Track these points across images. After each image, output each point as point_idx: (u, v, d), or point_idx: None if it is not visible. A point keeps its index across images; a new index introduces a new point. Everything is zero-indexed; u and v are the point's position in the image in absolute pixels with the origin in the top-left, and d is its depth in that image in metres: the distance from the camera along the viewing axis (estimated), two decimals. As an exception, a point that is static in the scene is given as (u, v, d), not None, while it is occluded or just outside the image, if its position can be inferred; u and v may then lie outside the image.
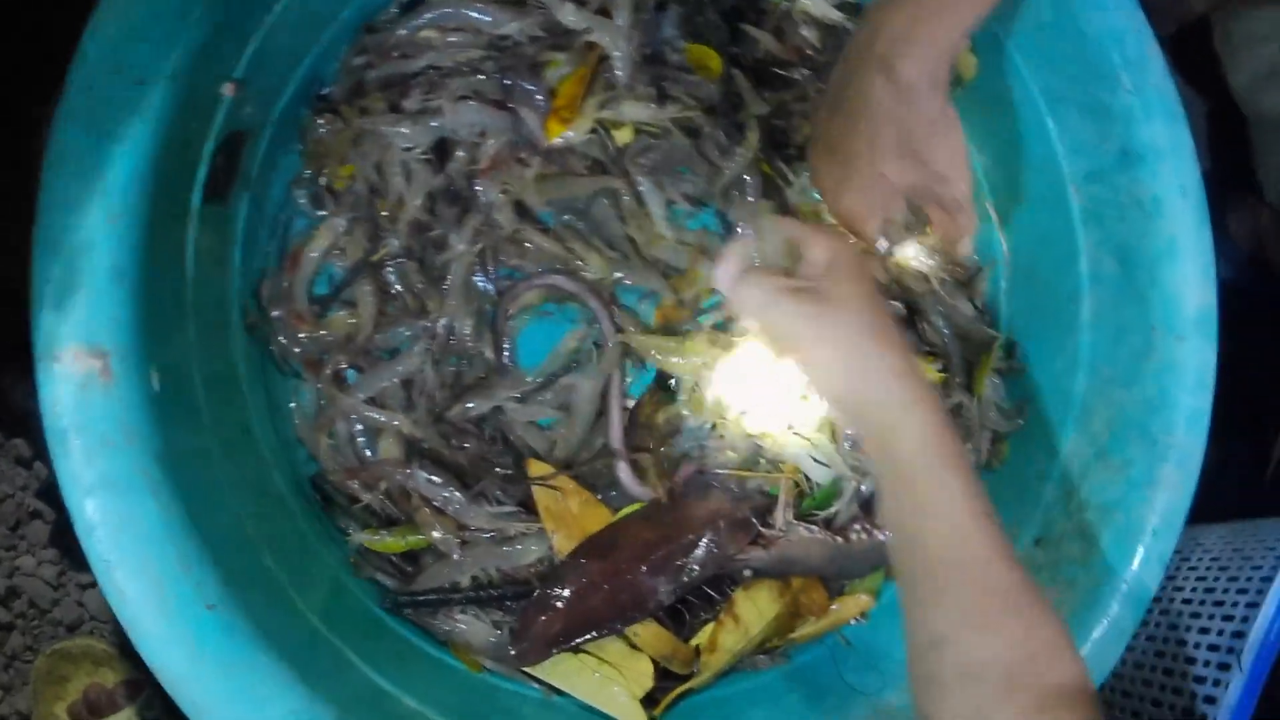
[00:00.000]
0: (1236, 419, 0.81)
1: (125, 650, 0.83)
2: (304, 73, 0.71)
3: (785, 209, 0.73)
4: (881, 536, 0.73)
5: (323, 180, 0.71)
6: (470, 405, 0.71)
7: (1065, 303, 0.74)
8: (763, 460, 0.72)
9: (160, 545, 0.56)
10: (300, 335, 0.70)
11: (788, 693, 0.73)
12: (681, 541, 0.69)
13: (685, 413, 0.72)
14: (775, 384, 0.72)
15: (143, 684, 0.83)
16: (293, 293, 0.70)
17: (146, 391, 0.57)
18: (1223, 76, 0.88)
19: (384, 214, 0.70)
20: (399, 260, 0.71)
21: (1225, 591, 0.76)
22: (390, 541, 0.70)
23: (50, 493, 0.86)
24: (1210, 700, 0.71)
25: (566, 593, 0.68)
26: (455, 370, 0.71)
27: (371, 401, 0.70)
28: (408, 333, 0.71)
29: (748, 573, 0.71)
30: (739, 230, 0.71)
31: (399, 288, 0.71)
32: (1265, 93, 0.85)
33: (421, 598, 0.69)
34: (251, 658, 0.58)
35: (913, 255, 0.72)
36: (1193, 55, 0.92)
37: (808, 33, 0.74)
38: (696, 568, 0.69)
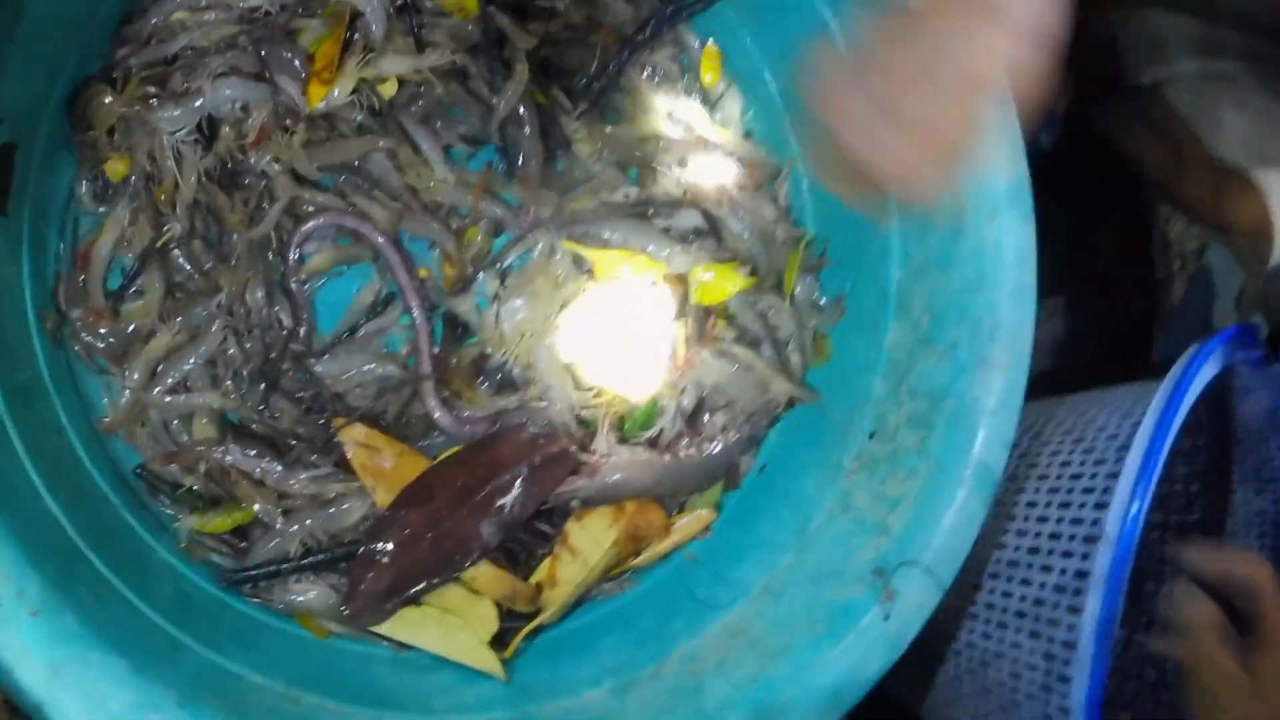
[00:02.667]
0: (1080, 282, 0.81)
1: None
2: (69, 77, 0.70)
3: (565, 140, 0.73)
4: (712, 448, 0.73)
5: (100, 175, 0.71)
6: (276, 372, 0.71)
7: (868, 192, 0.73)
8: (579, 388, 0.72)
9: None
10: (101, 331, 0.71)
11: (639, 616, 0.73)
12: (498, 481, 0.69)
13: (487, 351, 0.72)
14: (580, 309, 0.72)
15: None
16: (88, 291, 0.71)
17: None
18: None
19: (162, 199, 0.70)
20: (184, 242, 0.71)
21: (1083, 464, 0.75)
22: (218, 520, 0.70)
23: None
24: (1082, 574, 0.70)
25: (389, 546, 0.68)
26: (258, 341, 0.71)
27: (180, 386, 0.71)
28: (204, 313, 0.71)
29: (575, 503, 0.71)
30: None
31: (189, 269, 0.72)
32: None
33: (255, 571, 0.70)
34: (83, 656, 0.58)
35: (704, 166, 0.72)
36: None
37: (563, -40, 0.73)
38: (517, 506, 0.69)
